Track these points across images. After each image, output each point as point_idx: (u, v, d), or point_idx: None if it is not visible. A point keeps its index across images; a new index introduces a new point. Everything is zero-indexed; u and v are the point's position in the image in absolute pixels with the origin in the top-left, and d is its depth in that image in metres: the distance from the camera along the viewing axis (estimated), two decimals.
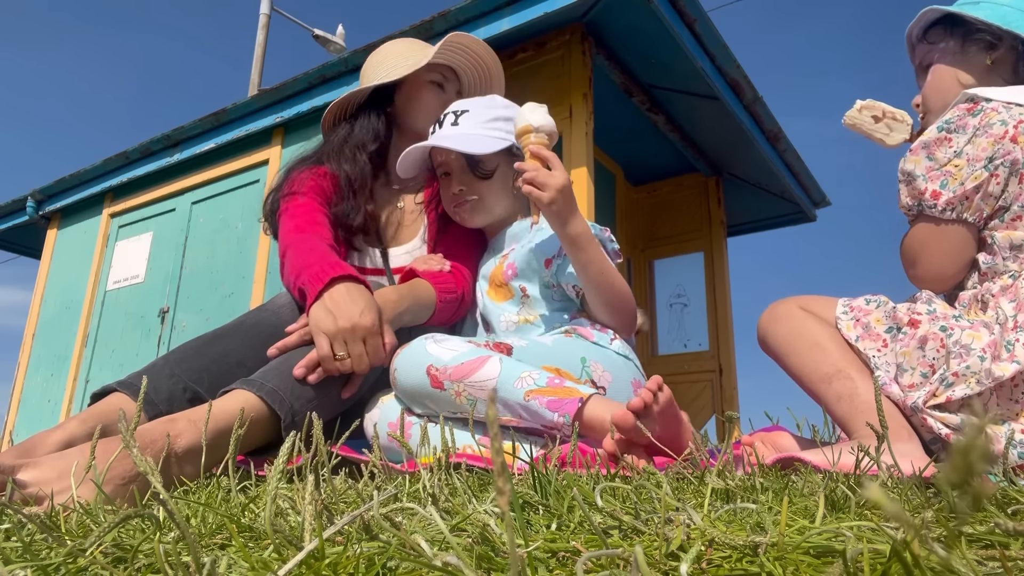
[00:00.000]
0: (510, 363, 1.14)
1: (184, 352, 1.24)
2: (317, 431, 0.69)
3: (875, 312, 1.10)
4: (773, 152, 3.57)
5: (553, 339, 1.27)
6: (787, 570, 0.37)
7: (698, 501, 0.59)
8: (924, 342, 1.02)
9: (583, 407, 1.06)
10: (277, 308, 1.37)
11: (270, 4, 8.06)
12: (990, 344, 0.97)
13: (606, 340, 1.31)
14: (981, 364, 0.96)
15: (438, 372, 1.14)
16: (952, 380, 0.97)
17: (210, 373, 1.22)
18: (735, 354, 3.82)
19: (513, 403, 1.10)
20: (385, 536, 0.42)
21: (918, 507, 0.58)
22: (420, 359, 1.16)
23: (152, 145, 3.93)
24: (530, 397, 1.08)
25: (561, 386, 1.09)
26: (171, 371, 1.20)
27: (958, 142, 1.08)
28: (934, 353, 1.01)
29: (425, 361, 1.16)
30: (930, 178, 1.09)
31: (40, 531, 0.46)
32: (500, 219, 1.52)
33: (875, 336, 1.08)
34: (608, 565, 0.38)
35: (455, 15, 2.70)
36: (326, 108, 1.68)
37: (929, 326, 1.03)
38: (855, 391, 1.03)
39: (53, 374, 4.18)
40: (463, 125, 1.43)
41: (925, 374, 1.01)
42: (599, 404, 1.06)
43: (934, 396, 0.98)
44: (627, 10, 2.56)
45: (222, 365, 1.24)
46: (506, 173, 1.48)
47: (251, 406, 1.04)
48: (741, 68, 2.97)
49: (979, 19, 1.18)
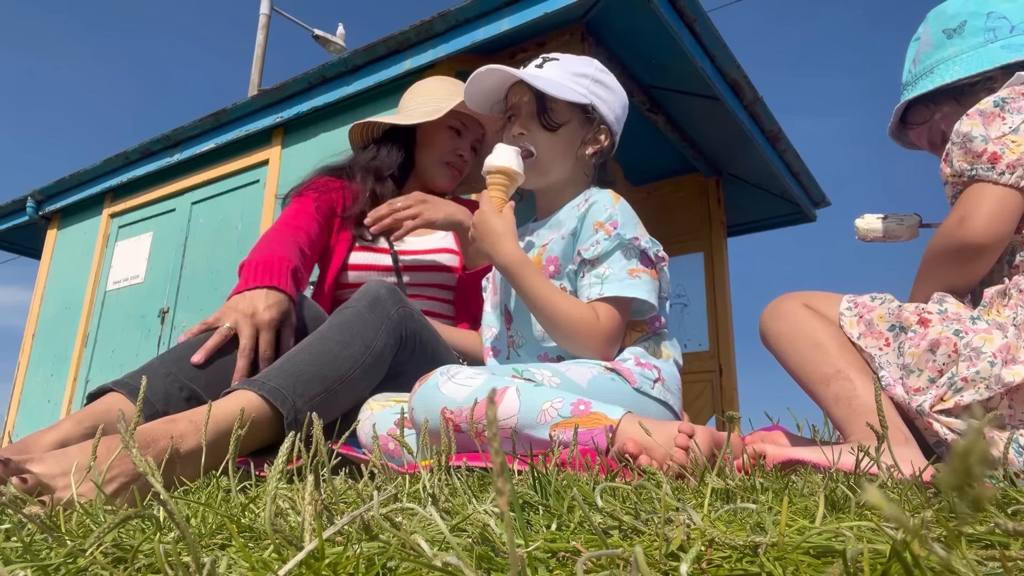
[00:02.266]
0: (529, 392, 1.07)
1: (180, 351, 1.24)
2: (317, 431, 0.69)
3: (879, 309, 1.08)
4: (773, 152, 3.57)
5: (590, 377, 1.17)
6: (787, 570, 0.37)
7: (698, 501, 0.59)
8: (936, 345, 1.00)
9: (614, 435, 0.99)
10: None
11: (270, 4, 8.07)
12: (1002, 348, 0.95)
13: (648, 384, 1.20)
14: (991, 369, 0.94)
15: (453, 415, 1.08)
16: (961, 385, 0.95)
17: (207, 372, 1.22)
18: (735, 354, 3.82)
19: (539, 437, 1.04)
20: (385, 536, 0.42)
21: (918, 508, 0.58)
22: (434, 402, 1.10)
23: (152, 145, 3.93)
24: (556, 431, 1.02)
25: (587, 414, 1.02)
26: (167, 370, 1.20)
27: (1012, 121, 1.05)
28: (945, 359, 0.99)
29: (439, 403, 1.09)
30: (990, 138, 1.05)
31: (40, 531, 0.46)
32: (553, 188, 1.40)
33: (877, 334, 1.06)
34: (608, 565, 0.38)
35: (455, 15, 2.70)
36: (326, 108, 1.73)
37: (941, 328, 1.01)
38: (853, 393, 1.02)
39: (53, 374, 4.18)
40: (547, 70, 1.35)
41: (933, 379, 1.00)
42: (631, 424, 0.99)
43: (941, 400, 0.97)
44: (627, 10, 2.56)
45: (217, 363, 1.23)
46: (572, 135, 1.36)
47: (252, 406, 1.04)
48: (741, 68, 2.97)
49: (956, 81, 1.16)
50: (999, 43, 1.16)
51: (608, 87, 1.39)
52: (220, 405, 1.00)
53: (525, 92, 1.35)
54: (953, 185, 1.10)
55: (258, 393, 1.06)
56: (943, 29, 1.20)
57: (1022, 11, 1.16)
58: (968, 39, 1.18)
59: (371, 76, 3.03)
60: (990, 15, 1.17)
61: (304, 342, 1.21)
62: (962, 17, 1.18)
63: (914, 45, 1.27)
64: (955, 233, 1.05)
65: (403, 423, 0.96)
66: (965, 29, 1.18)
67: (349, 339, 1.20)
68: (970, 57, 1.17)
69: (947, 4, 1.22)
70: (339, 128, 3.20)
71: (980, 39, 1.17)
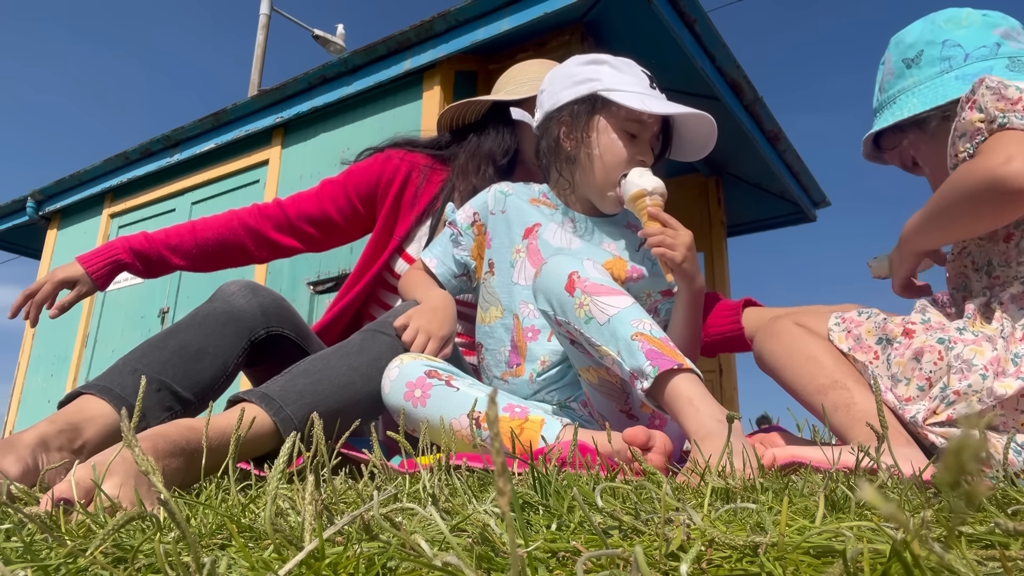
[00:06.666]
0: (639, 309, 1.09)
1: (142, 350, 1.22)
2: (317, 431, 0.69)
3: (866, 323, 1.10)
4: (773, 152, 3.58)
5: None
6: (787, 570, 0.37)
7: (698, 501, 0.59)
8: (920, 354, 1.01)
9: (677, 373, 1.00)
10: (227, 296, 1.34)
11: (270, 4, 8.07)
12: (992, 360, 0.95)
13: None
14: (983, 382, 0.94)
15: (578, 280, 1.11)
16: (953, 398, 0.96)
17: (172, 364, 1.20)
18: (735, 354, 3.82)
19: (619, 336, 1.05)
20: (385, 536, 0.42)
21: (918, 507, 0.58)
22: (570, 265, 1.14)
23: (152, 145, 3.93)
24: (636, 338, 1.04)
25: (671, 348, 1.04)
26: (132, 367, 1.17)
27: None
28: (931, 366, 1.00)
29: (573, 267, 1.13)
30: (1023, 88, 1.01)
31: (40, 531, 0.46)
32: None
33: (866, 348, 1.08)
34: (608, 565, 0.38)
35: (455, 15, 2.70)
36: (326, 108, 1.72)
37: (925, 337, 1.02)
38: (852, 400, 1.02)
39: (53, 374, 4.18)
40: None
41: (922, 387, 1.00)
42: (693, 385, 1.00)
43: (935, 413, 0.98)
44: (627, 10, 2.56)
45: (183, 355, 1.21)
46: None
47: (257, 419, 1.03)
48: (741, 68, 2.97)
49: (912, 116, 1.16)
50: (952, 74, 1.16)
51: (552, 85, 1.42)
52: (222, 421, 0.99)
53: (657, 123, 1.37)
54: (973, 136, 1.03)
55: (268, 414, 1.06)
56: (902, 58, 1.21)
57: (976, 36, 1.16)
58: (924, 69, 1.18)
59: (371, 76, 3.03)
60: (945, 43, 1.16)
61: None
62: (919, 47, 1.18)
63: (880, 70, 1.28)
64: (999, 171, 0.95)
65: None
66: (922, 59, 1.18)
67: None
68: (926, 89, 1.17)
69: (906, 32, 1.22)
70: (339, 128, 3.20)
71: (936, 69, 1.17)
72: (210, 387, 1.22)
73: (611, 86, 1.32)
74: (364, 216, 1.70)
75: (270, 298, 1.37)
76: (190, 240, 1.64)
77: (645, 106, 1.28)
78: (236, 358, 1.28)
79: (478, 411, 1.10)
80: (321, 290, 3.10)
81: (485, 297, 1.43)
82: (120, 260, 1.56)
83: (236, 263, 1.72)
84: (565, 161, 1.38)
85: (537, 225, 1.40)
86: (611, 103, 1.32)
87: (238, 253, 1.69)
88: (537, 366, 1.29)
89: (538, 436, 1.07)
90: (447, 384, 1.16)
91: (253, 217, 1.67)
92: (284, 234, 1.68)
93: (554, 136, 1.38)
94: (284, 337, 1.37)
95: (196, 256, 1.65)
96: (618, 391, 1.18)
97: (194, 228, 1.65)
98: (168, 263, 1.63)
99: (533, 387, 1.30)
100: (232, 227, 1.66)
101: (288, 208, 1.68)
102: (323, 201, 1.67)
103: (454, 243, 1.47)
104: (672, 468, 0.94)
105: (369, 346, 1.25)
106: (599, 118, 1.34)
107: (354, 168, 1.70)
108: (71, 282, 1.51)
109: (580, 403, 1.29)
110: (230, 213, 1.69)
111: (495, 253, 1.43)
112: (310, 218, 1.68)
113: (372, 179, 1.67)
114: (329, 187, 1.69)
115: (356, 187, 1.67)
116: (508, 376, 1.35)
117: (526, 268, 1.37)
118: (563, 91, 1.37)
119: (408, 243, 1.67)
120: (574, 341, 1.15)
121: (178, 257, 1.63)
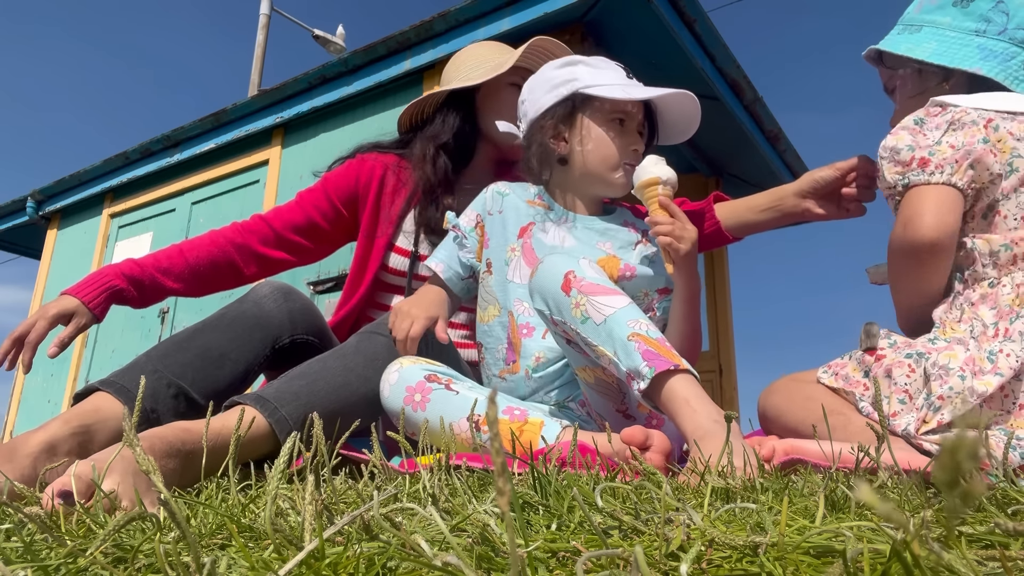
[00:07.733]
0: (636, 309, 1.09)
1: (166, 348, 1.23)
2: (317, 431, 0.69)
3: (849, 363, 1.16)
4: (773, 152, 3.58)
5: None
6: (787, 570, 0.37)
7: (698, 501, 0.59)
8: (889, 371, 1.06)
9: (674, 374, 1.00)
10: (259, 299, 1.34)
11: (270, 4, 8.07)
12: (967, 361, 0.99)
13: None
14: (963, 383, 0.97)
15: (574, 279, 1.11)
16: (939, 404, 0.99)
17: (193, 368, 1.20)
18: (735, 354, 3.82)
19: (616, 336, 1.05)
20: (385, 536, 0.42)
21: (918, 507, 0.58)
22: (567, 264, 1.14)
23: (152, 145, 3.93)
24: (633, 338, 1.04)
25: (667, 348, 1.04)
26: (154, 367, 1.18)
27: (933, 135, 1.10)
28: (904, 379, 1.04)
29: (569, 266, 1.13)
30: (917, 146, 1.09)
31: (40, 531, 0.46)
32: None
33: (854, 383, 1.13)
34: (608, 565, 0.38)
35: (455, 15, 2.70)
36: (326, 108, 1.71)
37: (893, 355, 1.08)
38: (848, 421, 1.07)
39: (53, 374, 4.18)
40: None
41: (902, 400, 1.04)
42: (689, 385, 0.99)
43: (924, 423, 1.00)
44: (627, 10, 2.56)
45: (205, 359, 1.22)
46: None
47: (255, 424, 1.03)
48: (741, 68, 2.97)
49: (921, 61, 1.18)
50: (980, 40, 1.15)
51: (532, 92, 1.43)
52: (222, 423, 1.00)
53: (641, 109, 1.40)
54: (890, 198, 1.14)
55: (268, 419, 1.06)
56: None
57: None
58: (966, 18, 1.17)
59: (371, 76, 3.02)
60: (1000, 3, 1.16)
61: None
62: None
63: None
64: (904, 237, 1.09)
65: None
66: (971, 5, 1.17)
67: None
68: (950, 40, 1.17)
69: None
70: (339, 128, 3.20)
71: (972, 25, 1.17)
72: (225, 392, 1.21)
73: (590, 83, 1.34)
74: (347, 219, 1.69)
75: (300, 303, 1.37)
76: (180, 262, 1.58)
77: (627, 94, 1.31)
78: (257, 364, 1.29)
79: (478, 414, 1.10)
80: (321, 290, 3.10)
81: (483, 296, 1.43)
82: (114, 286, 1.47)
83: (228, 284, 1.67)
84: (558, 164, 1.39)
85: (531, 224, 1.40)
86: (594, 99, 1.34)
87: (228, 271, 1.64)
88: (532, 362, 1.29)
89: (538, 438, 1.07)
90: (447, 388, 1.16)
91: (237, 233, 1.64)
92: (272, 247, 1.65)
93: (542, 142, 1.39)
94: (308, 344, 1.37)
95: (188, 278, 1.59)
96: (614, 391, 1.18)
97: (182, 250, 1.60)
98: (162, 287, 1.56)
99: (530, 385, 1.30)
100: (219, 244, 1.62)
101: (272, 221, 1.65)
102: (306, 208, 1.66)
103: (459, 246, 1.47)
104: (672, 468, 0.94)
105: (365, 347, 1.25)
106: (584, 116, 1.35)
107: (329, 175, 1.69)
108: (66, 315, 1.40)
109: (579, 403, 1.29)
110: (213, 233, 1.65)
111: (492, 252, 1.43)
112: (296, 227, 1.66)
113: (351, 181, 1.67)
114: (309, 195, 1.68)
115: (336, 190, 1.66)
116: (506, 374, 1.35)
117: (521, 266, 1.37)
118: (543, 96, 1.38)
119: (396, 237, 1.68)
120: (570, 341, 1.15)
121: (171, 280, 1.56)
